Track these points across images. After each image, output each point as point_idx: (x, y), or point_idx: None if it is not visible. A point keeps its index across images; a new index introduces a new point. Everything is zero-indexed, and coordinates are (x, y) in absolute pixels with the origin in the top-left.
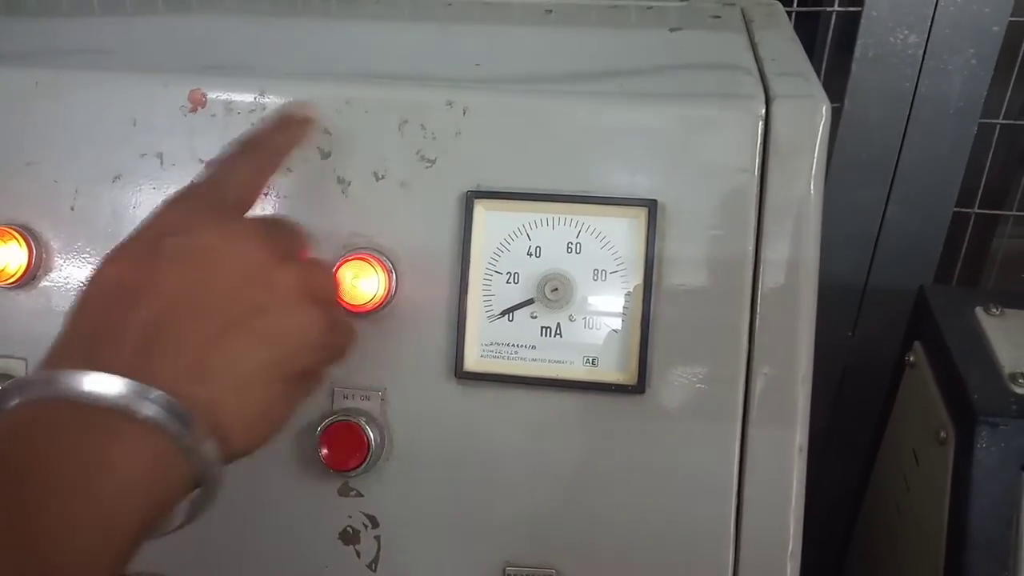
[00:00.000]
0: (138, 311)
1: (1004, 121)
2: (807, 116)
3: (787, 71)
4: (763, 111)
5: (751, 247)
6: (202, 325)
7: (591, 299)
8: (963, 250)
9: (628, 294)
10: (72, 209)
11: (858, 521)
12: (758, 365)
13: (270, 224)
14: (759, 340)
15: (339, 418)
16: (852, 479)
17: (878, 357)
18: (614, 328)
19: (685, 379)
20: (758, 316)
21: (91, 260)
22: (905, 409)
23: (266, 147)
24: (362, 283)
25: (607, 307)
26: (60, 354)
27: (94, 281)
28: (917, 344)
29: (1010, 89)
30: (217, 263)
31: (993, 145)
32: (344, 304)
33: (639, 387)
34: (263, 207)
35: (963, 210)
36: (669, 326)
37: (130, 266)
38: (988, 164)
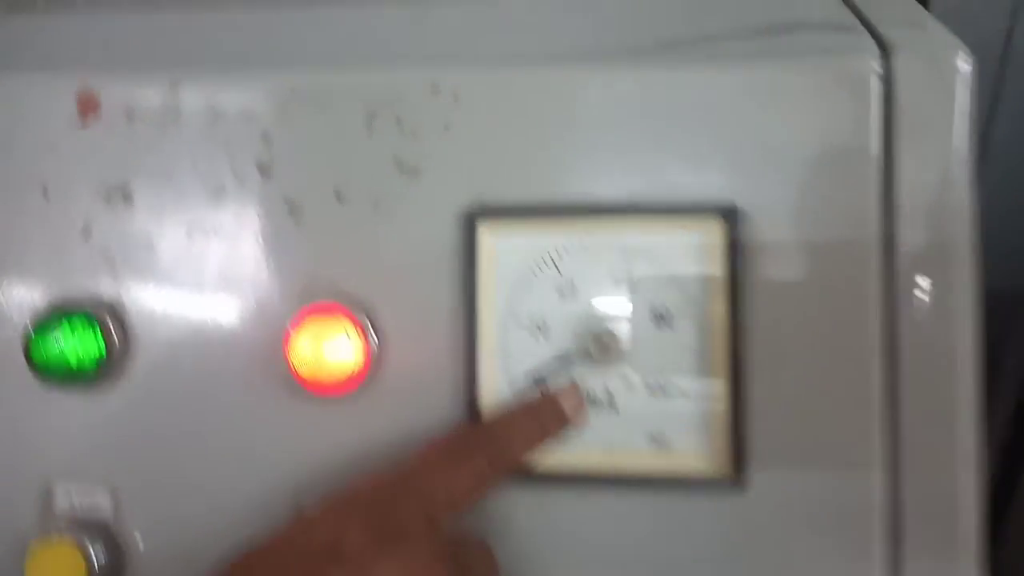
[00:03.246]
0: None
1: None
2: (939, 71)
3: (898, 20)
4: (880, 68)
5: (876, 260)
6: None
7: (653, 352)
8: None
9: (707, 341)
10: None
11: None
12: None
13: (464, 555)
14: (906, 409)
15: None
16: None
17: None
18: (691, 393)
19: (802, 465)
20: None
21: None
22: None
23: (499, 444)
24: (330, 350)
25: (678, 362)
26: None
27: None
28: None
29: None
30: None
31: None
32: (306, 385)
33: (736, 479)
34: (186, 248)
35: None
36: (772, 386)
37: None
38: None
